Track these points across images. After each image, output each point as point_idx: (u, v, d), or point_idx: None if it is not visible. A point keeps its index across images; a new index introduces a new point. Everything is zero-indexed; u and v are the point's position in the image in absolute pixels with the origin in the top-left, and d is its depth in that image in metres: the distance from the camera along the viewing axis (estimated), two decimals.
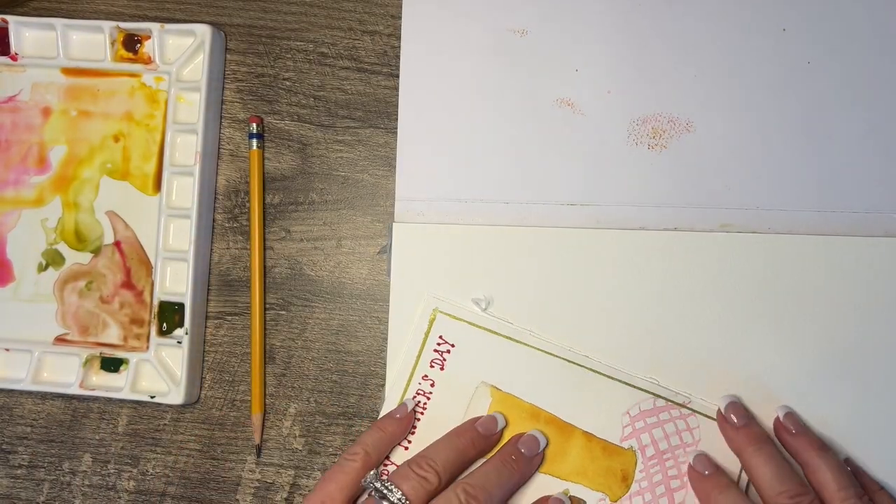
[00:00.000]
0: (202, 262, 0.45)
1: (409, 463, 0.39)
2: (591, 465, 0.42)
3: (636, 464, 0.42)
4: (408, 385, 0.43)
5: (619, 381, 0.42)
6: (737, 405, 0.41)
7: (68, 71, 0.47)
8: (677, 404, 0.42)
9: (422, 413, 0.42)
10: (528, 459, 0.41)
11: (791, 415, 0.41)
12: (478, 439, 0.40)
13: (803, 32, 0.44)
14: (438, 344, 0.43)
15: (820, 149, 0.43)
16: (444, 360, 0.42)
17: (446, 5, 0.45)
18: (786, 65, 0.44)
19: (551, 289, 0.43)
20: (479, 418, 0.41)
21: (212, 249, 0.46)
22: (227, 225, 0.46)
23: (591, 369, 0.42)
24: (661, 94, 0.44)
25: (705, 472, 0.40)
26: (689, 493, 0.41)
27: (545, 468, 0.42)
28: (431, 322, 0.43)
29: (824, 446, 0.39)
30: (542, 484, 0.41)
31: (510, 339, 0.42)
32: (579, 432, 0.42)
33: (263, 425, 0.45)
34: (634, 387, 0.42)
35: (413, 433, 0.42)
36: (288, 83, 0.46)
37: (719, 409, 0.41)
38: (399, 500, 0.37)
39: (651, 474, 0.41)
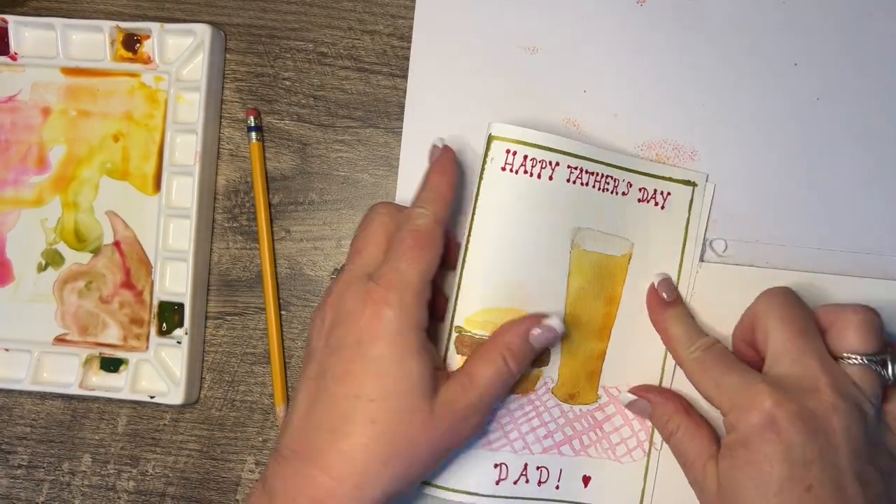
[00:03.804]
0: (202, 262, 0.45)
1: None
2: (581, 361, 0.41)
3: (594, 403, 0.42)
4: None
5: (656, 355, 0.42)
6: (669, 282, 0.42)
7: (68, 71, 0.46)
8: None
9: None
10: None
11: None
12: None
13: (815, 68, 0.43)
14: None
15: (823, 186, 0.43)
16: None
17: (459, 16, 0.45)
18: (794, 99, 0.43)
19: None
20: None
21: (212, 249, 0.46)
22: (226, 225, 0.46)
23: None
24: (668, 121, 0.44)
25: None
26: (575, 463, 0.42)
27: (571, 306, 0.41)
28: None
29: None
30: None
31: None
32: (605, 347, 0.42)
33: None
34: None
35: None
36: (288, 83, 0.46)
37: (652, 284, 0.42)
38: None
39: (584, 430, 0.42)
